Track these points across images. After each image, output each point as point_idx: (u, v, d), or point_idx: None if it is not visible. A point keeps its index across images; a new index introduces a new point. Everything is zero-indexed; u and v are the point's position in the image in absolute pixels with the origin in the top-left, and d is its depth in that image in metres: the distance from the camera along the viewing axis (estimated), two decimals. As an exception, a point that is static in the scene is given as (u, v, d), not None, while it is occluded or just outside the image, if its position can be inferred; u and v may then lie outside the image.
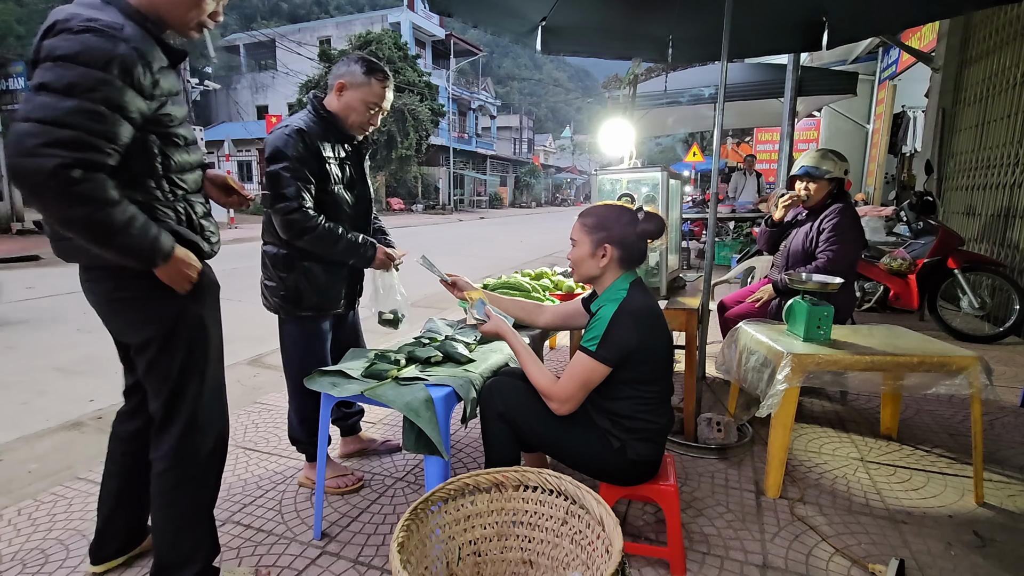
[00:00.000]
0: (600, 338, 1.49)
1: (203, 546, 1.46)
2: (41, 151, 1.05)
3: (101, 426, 2.71)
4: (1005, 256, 4.56)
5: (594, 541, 1.19)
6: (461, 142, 35.33)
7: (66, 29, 1.09)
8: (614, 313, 1.50)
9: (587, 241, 1.59)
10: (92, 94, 1.09)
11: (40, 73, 1.09)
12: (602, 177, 2.56)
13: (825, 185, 2.77)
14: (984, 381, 1.93)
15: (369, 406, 2.24)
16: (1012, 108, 4.58)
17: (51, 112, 1.06)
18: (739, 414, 2.65)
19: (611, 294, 1.58)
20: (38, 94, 1.08)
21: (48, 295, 5.94)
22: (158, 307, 1.32)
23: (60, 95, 1.07)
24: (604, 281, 1.62)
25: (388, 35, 25.82)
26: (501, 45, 76.07)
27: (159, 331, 1.33)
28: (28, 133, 1.05)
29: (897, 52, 8.17)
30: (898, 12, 3.11)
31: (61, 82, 1.07)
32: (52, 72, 1.08)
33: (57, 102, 1.07)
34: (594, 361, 1.49)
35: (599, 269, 1.60)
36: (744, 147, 14.46)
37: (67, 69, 1.08)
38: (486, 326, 1.71)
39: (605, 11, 3.28)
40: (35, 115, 1.06)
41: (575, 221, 1.64)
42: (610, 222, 1.59)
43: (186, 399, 1.38)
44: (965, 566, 1.66)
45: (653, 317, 1.56)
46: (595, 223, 1.60)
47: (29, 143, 1.05)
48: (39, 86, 1.08)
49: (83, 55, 1.08)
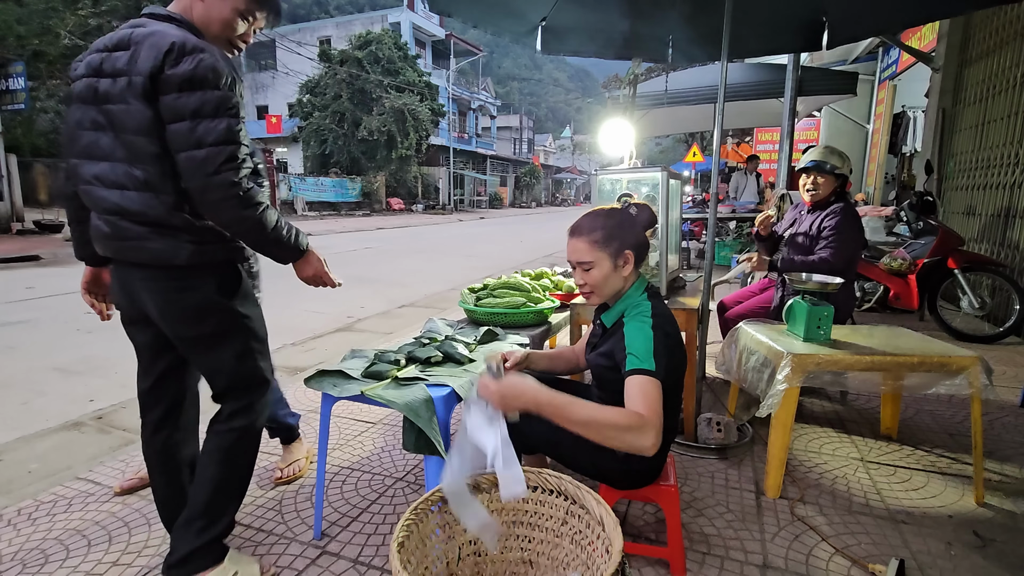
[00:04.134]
0: (651, 355, 1.35)
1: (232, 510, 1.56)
2: (222, 169, 1.26)
3: (101, 426, 2.71)
4: (1005, 256, 4.56)
5: (594, 541, 1.19)
6: (461, 142, 35.35)
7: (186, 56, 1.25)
8: (652, 327, 1.41)
9: (605, 256, 1.47)
10: (230, 111, 1.30)
11: (185, 100, 1.25)
12: (602, 177, 2.56)
13: (832, 180, 2.77)
14: (984, 381, 1.93)
15: (369, 406, 2.24)
16: (1012, 108, 4.58)
17: (215, 135, 1.26)
18: (739, 414, 2.65)
19: (632, 307, 1.49)
20: (195, 120, 1.26)
21: (48, 295, 5.94)
22: (213, 310, 1.43)
23: (212, 118, 1.26)
24: (622, 291, 1.55)
25: (388, 35, 25.86)
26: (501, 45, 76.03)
27: (213, 328, 1.44)
28: (207, 159, 1.26)
29: (897, 52, 8.17)
30: (898, 12, 3.11)
31: (209, 107, 1.26)
32: (196, 98, 1.25)
33: (216, 125, 1.26)
34: (656, 381, 1.32)
35: (623, 280, 1.51)
36: (744, 147, 14.45)
37: (206, 93, 1.26)
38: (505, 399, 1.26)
39: (605, 11, 3.28)
40: (207, 140, 1.26)
41: (575, 242, 1.50)
42: (616, 228, 1.51)
43: (239, 381, 1.51)
44: (965, 566, 1.66)
45: (676, 327, 1.52)
46: (605, 235, 1.48)
47: (211, 166, 1.26)
48: (194, 112, 1.25)
49: (211, 80, 1.26)
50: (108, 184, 1.33)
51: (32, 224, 11.26)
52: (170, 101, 1.26)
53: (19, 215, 11.68)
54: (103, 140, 1.33)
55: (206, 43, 1.30)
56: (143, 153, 1.30)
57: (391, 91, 24.38)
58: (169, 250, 1.34)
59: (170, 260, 1.34)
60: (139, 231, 1.33)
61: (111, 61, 1.31)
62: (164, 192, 1.32)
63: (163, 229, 1.33)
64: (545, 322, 2.40)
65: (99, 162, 1.34)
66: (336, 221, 19.05)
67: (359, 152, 24.52)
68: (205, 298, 1.41)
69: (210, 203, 1.30)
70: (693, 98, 6.57)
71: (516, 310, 2.30)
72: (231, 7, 1.40)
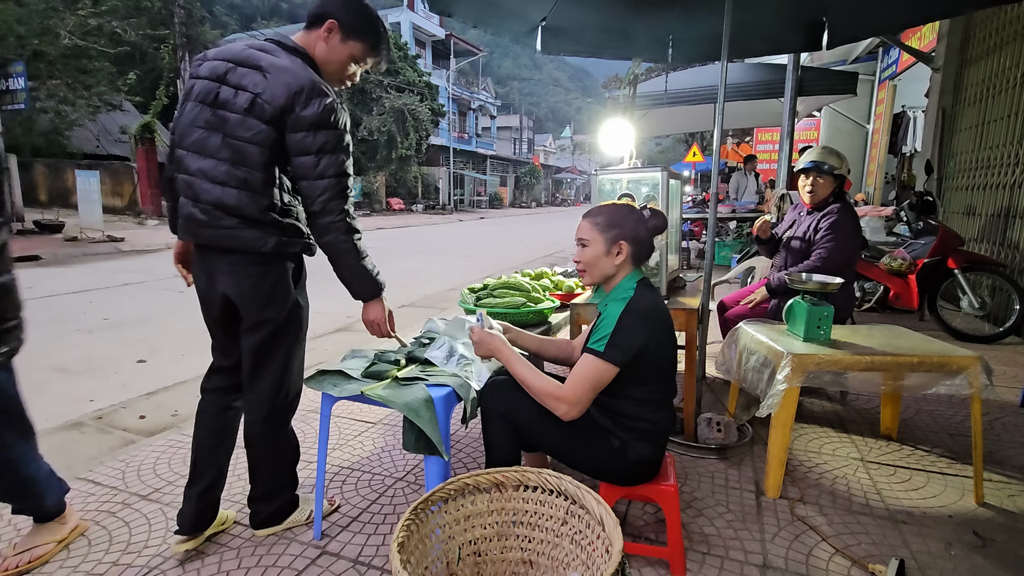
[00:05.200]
0: (608, 338, 1.47)
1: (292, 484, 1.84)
2: (336, 197, 1.51)
3: (101, 426, 2.71)
4: (1005, 256, 4.56)
5: (594, 541, 1.19)
6: (461, 142, 35.34)
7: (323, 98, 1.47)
8: (621, 312, 1.49)
9: (601, 239, 1.57)
10: (345, 148, 1.54)
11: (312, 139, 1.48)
12: (602, 177, 2.56)
13: (830, 181, 2.77)
14: (984, 381, 1.93)
15: (369, 406, 2.24)
16: (1012, 108, 4.58)
17: (334, 168, 1.51)
18: (739, 414, 2.65)
19: (618, 293, 1.57)
20: (319, 156, 1.49)
21: (48, 295, 5.93)
22: (284, 294, 1.63)
23: (332, 154, 1.50)
24: (614, 280, 1.60)
25: (388, 35, 25.84)
26: (501, 45, 76.05)
27: (280, 313, 1.63)
28: (327, 188, 1.50)
29: (897, 52, 8.18)
30: (898, 12, 3.11)
31: (330, 144, 1.50)
32: (321, 137, 1.48)
33: (335, 159, 1.51)
34: (603, 362, 1.47)
35: (615, 267, 1.58)
36: (744, 147, 14.46)
37: (329, 133, 1.49)
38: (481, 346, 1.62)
39: (605, 11, 3.28)
40: (328, 172, 1.50)
41: (582, 221, 1.61)
42: (621, 219, 1.58)
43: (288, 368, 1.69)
44: (965, 566, 1.66)
45: (660, 316, 1.55)
46: (607, 221, 1.58)
47: (329, 194, 1.50)
48: (319, 149, 1.49)
49: (333, 121, 1.49)
50: (211, 179, 1.50)
51: (32, 224, 11.24)
52: (299, 138, 1.48)
53: (19, 215, 11.67)
54: (212, 140, 1.49)
55: (326, 84, 1.52)
56: (252, 160, 1.49)
57: (391, 91, 24.36)
58: (258, 240, 1.53)
59: (258, 248, 1.53)
60: (233, 222, 1.50)
61: (236, 75, 1.49)
62: (262, 196, 1.52)
63: (254, 223, 1.52)
64: (545, 322, 2.40)
65: (206, 158, 1.50)
66: (336, 221, 19.02)
67: (359, 152, 24.48)
68: (279, 282, 1.61)
69: (322, 225, 1.53)
70: (693, 98, 6.57)
71: (516, 310, 2.30)
72: (348, 53, 1.61)
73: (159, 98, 15.09)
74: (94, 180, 10.36)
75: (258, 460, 1.76)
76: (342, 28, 1.58)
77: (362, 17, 1.62)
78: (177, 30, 16.41)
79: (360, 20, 1.61)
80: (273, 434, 1.73)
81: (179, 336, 4.44)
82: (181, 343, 4.23)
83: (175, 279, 7.19)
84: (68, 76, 15.44)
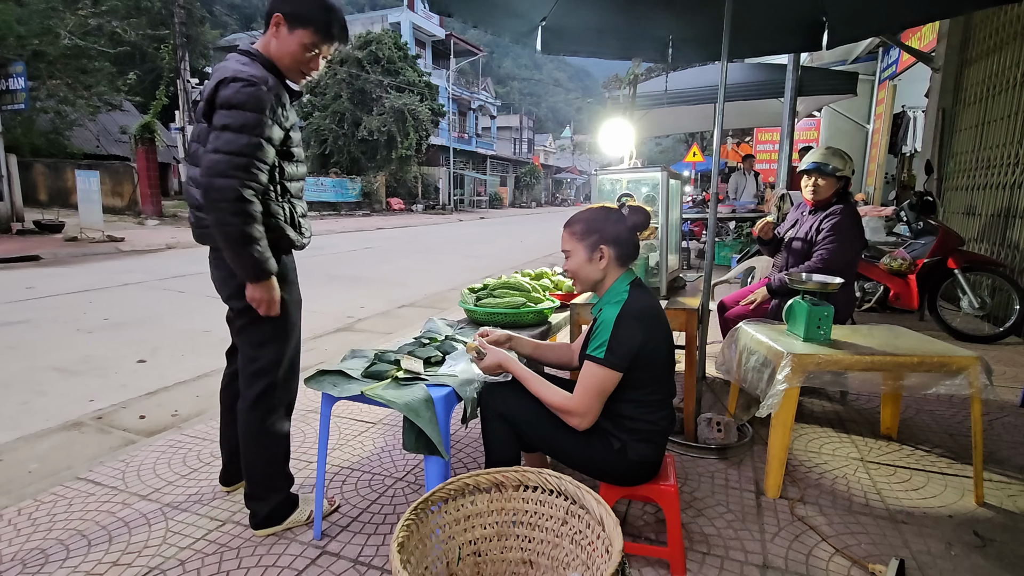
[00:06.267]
0: (607, 344, 1.48)
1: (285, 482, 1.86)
2: (230, 173, 1.49)
3: (101, 426, 2.71)
4: (1005, 256, 4.56)
5: (594, 541, 1.19)
6: (461, 142, 35.34)
7: (234, 82, 1.50)
8: (617, 316, 1.49)
9: (580, 247, 1.59)
10: (255, 131, 1.52)
11: (220, 116, 1.51)
12: (602, 177, 2.56)
13: (833, 182, 2.76)
14: (984, 381, 1.93)
15: (369, 406, 2.24)
16: (1012, 108, 4.58)
17: (231, 146, 1.49)
18: (739, 414, 2.65)
19: (612, 297, 1.58)
20: (223, 132, 1.50)
21: (48, 295, 5.93)
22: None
23: (236, 132, 1.50)
24: (605, 284, 1.61)
25: (388, 35, 25.82)
26: (501, 45, 75.99)
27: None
28: (219, 161, 1.49)
29: (897, 52, 8.17)
30: (898, 12, 3.10)
31: (237, 123, 1.50)
32: (230, 117, 1.50)
33: (236, 139, 1.50)
34: (605, 369, 1.48)
35: (601, 272, 1.60)
36: (744, 147, 14.45)
37: (237, 113, 1.50)
38: (485, 361, 1.65)
39: (605, 11, 3.28)
40: (223, 148, 1.49)
41: (563, 231, 1.64)
42: (598, 223, 1.59)
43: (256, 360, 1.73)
44: (965, 566, 1.66)
45: (655, 317, 1.56)
46: (584, 228, 1.60)
47: (221, 167, 1.49)
48: (223, 127, 1.50)
49: (249, 103, 1.50)
50: (195, 184, 1.64)
51: (32, 224, 11.23)
52: (214, 118, 1.53)
53: (19, 215, 11.67)
54: (199, 151, 1.60)
55: (262, 76, 1.54)
56: None
57: (391, 91, 24.35)
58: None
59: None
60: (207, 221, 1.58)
61: (205, 87, 1.60)
62: None
63: None
64: (545, 322, 2.40)
65: (193, 167, 1.65)
66: (336, 221, 19.04)
67: (359, 152, 24.49)
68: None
69: (208, 201, 1.52)
70: (693, 98, 6.58)
71: (516, 310, 2.30)
72: (297, 42, 1.62)
73: (159, 98, 15.09)
74: (94, 180, 10.36)
75: (243, 456, 1.81)
76: (287, 19, 1.60)
77: (306, 4, 1.61)
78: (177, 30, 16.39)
79: (303, 7, 1.61)
80: (248, 429, 1.75)
81: (179, 336, 4.44)
82: (181, 343, 4.23)
83: (175, 279, 7.21)
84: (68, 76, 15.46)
